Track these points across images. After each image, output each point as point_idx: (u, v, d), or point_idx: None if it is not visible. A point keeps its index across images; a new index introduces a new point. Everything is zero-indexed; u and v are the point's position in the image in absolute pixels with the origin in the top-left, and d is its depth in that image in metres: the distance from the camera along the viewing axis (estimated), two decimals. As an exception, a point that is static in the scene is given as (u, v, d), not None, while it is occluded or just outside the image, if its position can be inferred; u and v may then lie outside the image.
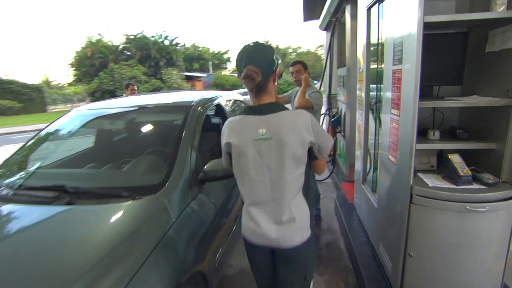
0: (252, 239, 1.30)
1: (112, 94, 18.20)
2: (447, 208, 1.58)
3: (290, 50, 45.86)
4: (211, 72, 32.62)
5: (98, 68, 20.13)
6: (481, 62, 1.78)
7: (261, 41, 1.34)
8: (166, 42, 23.40)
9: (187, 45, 32.82)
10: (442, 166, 1.83)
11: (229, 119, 1.33)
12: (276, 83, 1.32)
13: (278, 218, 1.24)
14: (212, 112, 2.78)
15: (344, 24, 4.08)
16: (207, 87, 27.09)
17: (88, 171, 1.91)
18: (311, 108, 2.60)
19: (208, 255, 1.61)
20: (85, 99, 25.13)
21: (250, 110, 1.28)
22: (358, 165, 2.90)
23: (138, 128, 2.21)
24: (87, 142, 2.39)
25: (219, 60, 39.40)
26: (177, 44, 25.17)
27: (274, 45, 44.10)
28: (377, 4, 2.16)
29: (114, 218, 1.32)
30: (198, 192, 1.67)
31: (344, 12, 3.58)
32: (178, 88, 20.70)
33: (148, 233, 1.27)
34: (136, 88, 4.95)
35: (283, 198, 1.24)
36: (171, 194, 1.48)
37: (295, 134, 1.20)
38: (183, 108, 2.09)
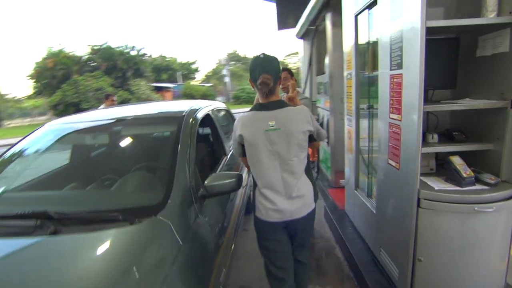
0: (268, 218, 1.52)
1: (76, 107, 17.18)
2: (455, 210, 1.57)
3: (259, 60, 46.45)
4: (180, 82, 32.06)
5: (61, 79, 18.90)
6: (472, 66, 1.83)
7: (229, 51, 1.47)
8: (133, 53, 22.63)
9: (155, 56, 32.07)
10: (442, 169, 1.83)
11: (242, 115, 1.56)
12: (279, 86, 1.60)
13: (289, 194, 1.49)
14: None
15: (322, 32, 4.13)
16: (176, 97, 26.53)
17: (71, 192, 1.67)
18: None
19: (213, 278, 1.46)
20: (47, 112, 23.50)
21: (260, 106, 1.54)
22: (348, 171, 2.88)
23: (123, 142, 2.01)
24: (64, 159, 2.13)
25: (188, 71, 38.89)
26: (144, 54, 24.47)
27: (242, 55, 44.67)
28: (367, 10, 2.17)
29: (112, 248, 1.14)
30: (199, 209, 1.52)
31: (324, 20, 3.61)
32: (147, 99, 20.02)
33: (155, 263, 1.10)
34: (116, 99, 4.63)
35: (291, 178, 1.50)
36: (174, 214, 1.32)
37: (298, 125, 1.48)
38: (173, 119, 1.93)
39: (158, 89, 24.50)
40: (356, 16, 2.38)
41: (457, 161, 1.67)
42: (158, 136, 1.99)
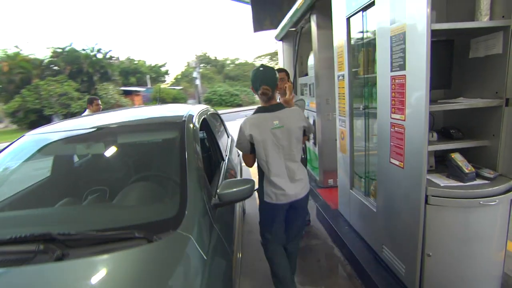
0: (278, 201, 1.83)
1: (39, 113, 16.00)
2: (462, 205, 1.62)
3: (228, 62, 46.32)
4: (149, 86, 31.04)
5: (19, 85, 17.45)
6: (464, 67, 1.91)
7: (199, 53, 1.58)
8: (99, 56, 21.52)
9: (122, 59, 30.74)
10: (442, 166, 1.89)
11: (247, 117, 1.86)
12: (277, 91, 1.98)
13: (292, 178, 1.84)
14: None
15: (305, 33, 4.16)
16: (146, 101, 25.66)
17: (70, 209, 1.51)
18: None
19: (233, 291, 1.38)
20: (2, 120, 21.68)
21: (263, 109, 1.85)
22: (342, 171, 2.91)
23: (121, 151, 1.85)
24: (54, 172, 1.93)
25: (157, 73, 37.76)
26: (111, 57, 23.36)
27: (212, 57, 44.29)
28: (361, 12, 2.19)
29: (132, 271, 1.02)
30: (213, 219, 1.43)
31: (309, 21, 3.62)
32: (117, 104, 19.09)
33: (183, 285, 1.00)
34: (100, 103, 4.35)
35: (293, 165, 1.84)
36: (194, 226, 1.23)
37: (296, 122, 1.82)
38: (173, 124, 1.83)
39: (127, 93, 23.50)
40: (348, 19, 2.41)
41: (458, 157, 1.73)
42: (158, 143, 1.86)
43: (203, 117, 2.25)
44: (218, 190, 1.48)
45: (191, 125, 1.84)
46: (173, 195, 1.38)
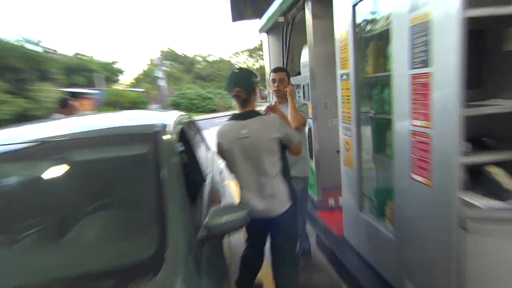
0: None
1: None
2: (510, 233, 1.59)
3: (199, 58, 46.35)
4: (102, 87, 30.25)
5: None
6: (497, 63, 1.92)
7: (164, 49, 1.79)
8: (30, 47, 20.42)
9: (66, 54, 29.82)
10: (473, 182, 1.87)
11: (222, 125, 2.06)
12: (256, 96, 2.06)
13: (262, 194, 1.98)
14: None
15: (297, 24, 4.16)
16: (99, 106, 24.92)
17: (4, 253, 1.32)
18: (304, 123, 2.68)
19: None
20: None
21: (236, 116, 2.05)
22: (347, 189, 2.87)
23: (69, 171, 1.66)
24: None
25: (110, 72, 36.95)
26: (53, 51, 22.56)
27: (179, 53, 44.19)
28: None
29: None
30: (201, 256, 1.31)
31: (302, 10, 3.62)
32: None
33: None
34: (76, 105, 4.10)
35: (264, 179, 1.97)
36: (179, 270, 1.11)
37: (266, 133, 1.95)
38: (142, 136, 1.71)
39: (74, 96, 22.65)
40: (354, 6, 2.40)
41: (497, 171, 1.71)
42: (123, 160, 1.71)
43: (180, 126, 2.14)
44: (206, 220, 1.37)
45: (167, 137, 1.73)
46: (149, 228, 1.26)
